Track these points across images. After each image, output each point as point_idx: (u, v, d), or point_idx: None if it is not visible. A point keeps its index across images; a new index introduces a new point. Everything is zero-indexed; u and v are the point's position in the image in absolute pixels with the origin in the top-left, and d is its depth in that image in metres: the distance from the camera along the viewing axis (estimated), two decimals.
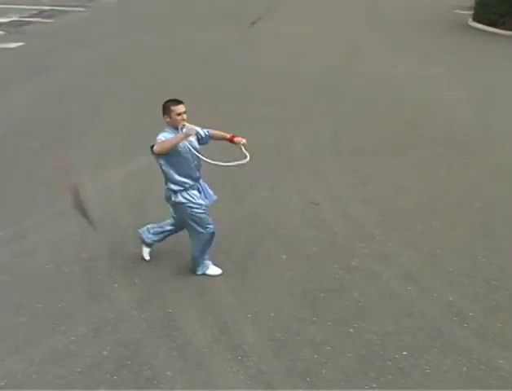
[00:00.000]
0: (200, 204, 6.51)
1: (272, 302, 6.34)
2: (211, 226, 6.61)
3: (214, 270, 6.84)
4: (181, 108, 6.30)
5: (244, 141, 6.67)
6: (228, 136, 6.73)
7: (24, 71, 15.05)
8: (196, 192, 6.52)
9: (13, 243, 7.38)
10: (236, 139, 6.69)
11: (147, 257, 6.99)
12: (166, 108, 6.34)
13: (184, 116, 6.32)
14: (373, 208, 8.34)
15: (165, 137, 6.27)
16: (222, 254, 7.15)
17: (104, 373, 5.39)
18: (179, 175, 6.41)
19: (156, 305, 6.26)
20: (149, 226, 6.98)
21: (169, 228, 6.89)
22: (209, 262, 6.84)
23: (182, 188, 6.43)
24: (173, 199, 6.48)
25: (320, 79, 14.38)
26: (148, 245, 6.98)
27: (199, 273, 6.77)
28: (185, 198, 6.44)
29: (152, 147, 6.25)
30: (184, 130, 6.19)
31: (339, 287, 6.63)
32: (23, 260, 7.03)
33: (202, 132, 6.66)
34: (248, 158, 6.53)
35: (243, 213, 8.15)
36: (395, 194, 8.78)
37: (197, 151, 6.42)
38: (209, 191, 6.78)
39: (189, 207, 6.46)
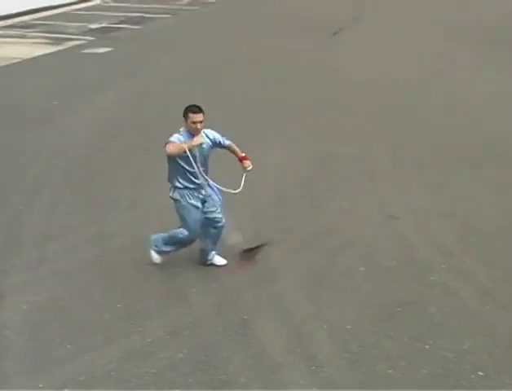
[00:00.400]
0: (192, 205, 6.66)
1: (349, 314, 6.29)
2: (187, 234, 6.77)
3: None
4: (197, 117, 6.44)
5: (249, 168, 6.90)
6: (240, 155, 6.92)
7: (112, 75, 15.46)
8: (194, 193, 6.66)
9: (96, 243, 7.59)
10: (245, 162, 6.91)
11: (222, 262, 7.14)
12: (186, 113, 6.49)
13: (198, 126, 6.46)
14: (453, 224, 8.18)
15: (177, 138, 6.47)
16: (299, 263, 7.17)
17: (179, 375, 5.46)
18: (180, 177, 6.59)
19: (233, 311, 6.31)
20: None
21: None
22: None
23: (181, 187, 6.62)
24: (170, 193, 6.71)
25: (403, 91, 14.20)
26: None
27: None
28: (180, 195, 6.63)
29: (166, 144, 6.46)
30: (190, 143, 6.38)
31: (416, 301, 6.53)
32: (105, 260, 7.20)
33: (220, 139, 6.81)
34: (240, 190, 6.86)
35: (322, 223, 8.13)
36: (474, 210, 8.58)
37: (196, 161, 6.53)
38: (216, 197, 6.88)
39: (180, 205, 6.66)
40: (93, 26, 22.39)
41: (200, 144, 6.52)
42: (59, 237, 7.76)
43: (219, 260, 7.10)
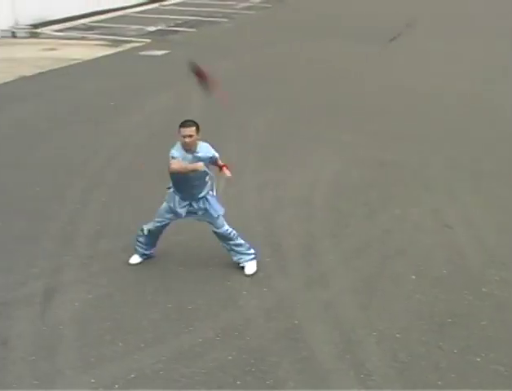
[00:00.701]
0: (171, 211, 6.90)
1: (398, 323, 6.25)
2: (146, 228, 7.05)
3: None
4: (186, 131, 6.62)
5: (227, 175, 6.97)
6: (221, 164, 7.01)
7: (168, 77, 15.62)
8: (181, 201, 6.82)
9: None
10: (224, 170, 6.99)
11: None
12: (179, 127, 6.67)
13: (187, 140, 6.59)
14: (507, 236, 8.04)
15: (173, 154, 6.62)
16: (351, 270, 7.15)
17: (228, 377, 5.49)
18: (178, 187, 6.77)
19: (284, 315, 6.32)
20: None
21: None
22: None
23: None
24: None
25: (462, 100, 14.02)
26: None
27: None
28: (169, 196, 6.88)
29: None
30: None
31: (468, 313, 6.44)
32: (158, 260, 7.28)
33: (216, 157, 6.98)
34: (214, 193, 6.96)
35: (374, 231, 8.08)
36: None
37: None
38: (213, 208, 6.93)
39: (166, 201, 6.90)
40: (150, 29, 22.69)
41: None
42: (112, 235, 7.89)
43: (248, 269, 7.08)
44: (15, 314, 6.36)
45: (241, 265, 7.06)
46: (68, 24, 23.12)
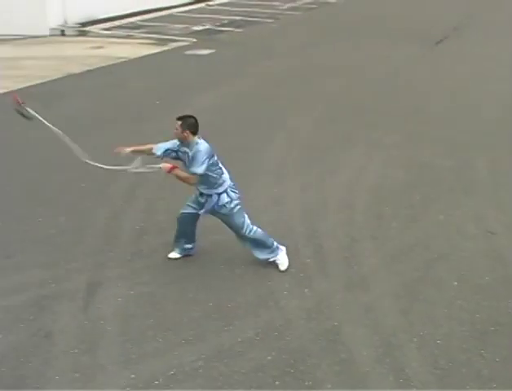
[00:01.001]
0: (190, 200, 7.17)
1: (439, 329, 6.19)
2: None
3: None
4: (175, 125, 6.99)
5: (160, 166, 7.02)
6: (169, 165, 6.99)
7: (213, 77, 15.71)
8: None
9: None
10: (165, 165, 7.02)
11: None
12: None
13: (174, 132, 6.98)
14: None
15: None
16: (392, 273, 7.11)
17: (267, 377, 5.51)
18: None
19: (324, 316, 6.32)
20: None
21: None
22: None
23: None
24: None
25: (507, 105, 13.83)
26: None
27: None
28: None
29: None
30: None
31: (510, 321, 6.35)
32: (199, 258, 7.33)
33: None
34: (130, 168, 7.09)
35: (416, 235, 8.02)
36: None
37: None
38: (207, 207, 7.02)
39: None
40: (196, 28, 22.82)
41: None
42: (155, 233, 7.96)
43: (281, 263, 7.17)
44: (58, 308, 6.47)
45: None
46: (115, 23, 23.38)
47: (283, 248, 7.18)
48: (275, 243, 7.13)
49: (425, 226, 8.27)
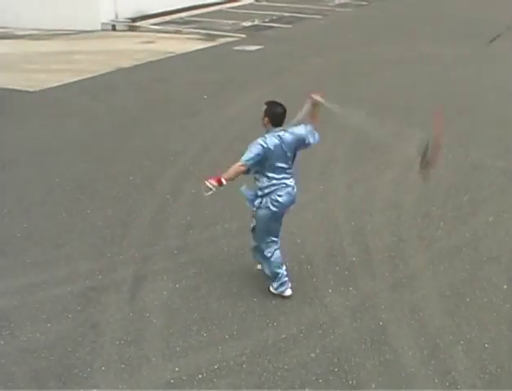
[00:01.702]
0: None
1: (488, 332, 6.07)
2: None
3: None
4: None
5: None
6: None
7: (261, 73, 15.70)
8: None
9: (237, 236, 7.74)
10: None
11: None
12: None
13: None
14: None
15: None
16: (440, 274, 7.01)
17: (311, 375, 5.48)
18: None
19: (369, 315, 6.27)
20: None
21: None
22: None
23: None
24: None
25: None
26: None
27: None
28: None
29: None
30: None
31: None
32: (244, 253, 7.32)
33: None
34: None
35: (465, 235, 7.88)
36: None
37: None
38: None
39: None
40: (245, 24, 22.84)
41: None
42: (201, 227, 7.99)
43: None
44: (105, 300, 6.55)
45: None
46: (165, 18, 23.53)
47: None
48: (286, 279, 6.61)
49: (474, 227, 8.13)
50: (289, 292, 6.55)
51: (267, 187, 6.29)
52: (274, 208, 6.28)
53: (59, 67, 16.35)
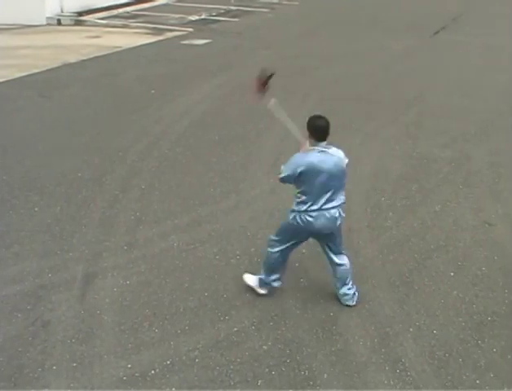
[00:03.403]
0: None
1: (436, 319, 6.19)
2: None
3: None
4: None
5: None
6: None
7: (209, 67, 15.66)
8: None
9: (187, 231, 7.72)
10: None
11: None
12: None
13: None
14: None
15: None
16: (389, 263, 7.11)
17: (263, 367, 5.51)
18: None
19: (320, 306, 6.31)
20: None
21: None
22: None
23: None
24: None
25: (506, 95, 13.81)
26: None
27: None
28: None
29: None
30: None
31: (508, 313, 6.33)
32: (195, 248, 7.32)
33: None
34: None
35: (413, 225, 8.00)
36: None
37: None
38: None
39: None
40: (192, 18, 22.74)
41: None
42: (151, 223, 7.94)
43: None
44: (55, 298, 6.46)
45: None
46: (111, 12, 23.30)
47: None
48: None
49: (422, 216, 8.25)
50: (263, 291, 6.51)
51: (301, 202, 6.02)
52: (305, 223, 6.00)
53: (4, 62, 16.03)
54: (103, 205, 8.38)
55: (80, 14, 22.25)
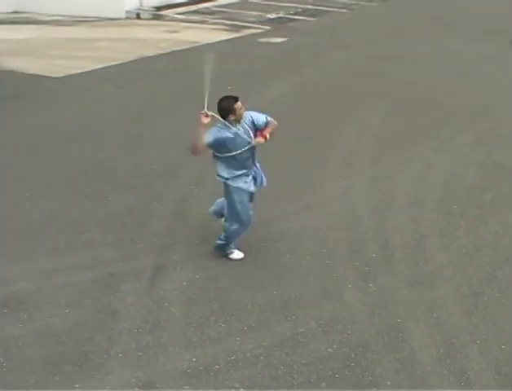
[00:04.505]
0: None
1: (505, 333, 6.06)
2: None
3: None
4: None
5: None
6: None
7: (285, 65, 15.68)
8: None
9: (261, 229, 7.72)
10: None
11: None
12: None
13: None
14: None
15: None
16: (459, 273, 7.00)
17: (327, 370, 5.51)
18: None
19: (387, 312, 6.28)
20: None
21: None
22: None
23: None
24: None
25: None
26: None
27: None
28: None
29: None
30: None
31: None
32: (266, 246, 7.38)
33: None
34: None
35: (485, 235, 7.84)
36: None
37: None
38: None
39: None
40: (270, 16, 22.79)
41: None
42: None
43: (237, 254, 7.18)
44: (124, 287, 6.62)
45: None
46: (190, 8, 23.54)
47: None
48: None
49: (494, 226, 8.08)
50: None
51: None
52: None
53: (83, 54, 16.44)
54: (177, 198, 8.52)
55: (159, 8, 22.58)
